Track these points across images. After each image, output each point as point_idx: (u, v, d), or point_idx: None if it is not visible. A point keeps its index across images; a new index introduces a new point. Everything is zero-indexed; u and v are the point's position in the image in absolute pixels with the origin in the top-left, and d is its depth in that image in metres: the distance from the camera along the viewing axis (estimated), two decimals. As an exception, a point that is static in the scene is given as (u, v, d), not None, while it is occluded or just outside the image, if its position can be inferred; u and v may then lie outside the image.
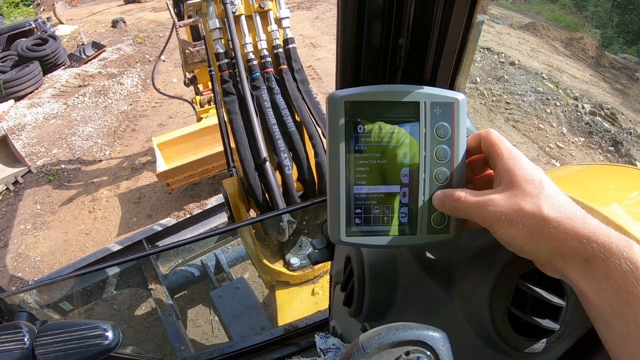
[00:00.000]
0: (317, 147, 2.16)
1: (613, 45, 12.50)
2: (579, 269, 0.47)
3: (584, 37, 11.00)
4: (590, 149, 6.03)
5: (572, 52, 10.28)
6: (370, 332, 0.42)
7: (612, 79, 9.17)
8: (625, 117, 6.93)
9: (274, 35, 2.25)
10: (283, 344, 1.99)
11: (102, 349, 0.91)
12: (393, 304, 0.85)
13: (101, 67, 9.30)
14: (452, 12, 0.79)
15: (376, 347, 0.41)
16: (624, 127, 6.47)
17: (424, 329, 0.42)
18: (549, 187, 0.52)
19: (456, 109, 0.62)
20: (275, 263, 2.32)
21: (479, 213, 0.55)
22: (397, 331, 0.42)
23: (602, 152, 5.97)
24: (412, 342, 0.41)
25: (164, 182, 4.60)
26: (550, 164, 5.63)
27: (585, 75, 8.89)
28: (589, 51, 10.40)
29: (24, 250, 4.80)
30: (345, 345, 1.23)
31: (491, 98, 7.20)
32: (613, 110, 6.89)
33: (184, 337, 2.64)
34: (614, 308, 0.43)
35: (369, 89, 0.63)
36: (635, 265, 0.43)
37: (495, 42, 9.56)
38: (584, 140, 6.19)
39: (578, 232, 0.47)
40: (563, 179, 1.54)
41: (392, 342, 0.41)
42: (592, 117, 6.60)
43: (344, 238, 0.63)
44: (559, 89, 7.54)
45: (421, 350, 0.41)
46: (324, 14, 11.74)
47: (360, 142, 0.62)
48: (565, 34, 11.63)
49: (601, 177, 1.52)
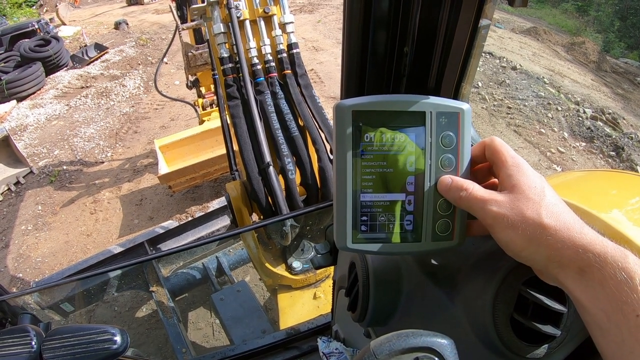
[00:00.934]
0: (320, 152, 2.17)
1: (615, 49, 12.53)
2: (574, 278, 0.48)
3: (585, 42, 11.02)
4: (592, 154, 6.04)
5: (574, 57, 10.30)
6: (381, 339, 0.44)
7: (614, 84, 9.18)
8: (626, 122, 6.94)
9: (278, 40, 2.26)
10: (285, 347, 1.99)
11: (111, 353, 0.92)
12: (397, 309, 0.86)
13: (103, 69, 9.33)
14: (457, 20, 0.79)
15: (387, 353, 0.42)
16: (625, 132, 6.48)
17: (432, 336, 0.44)
18: (550, 195, 0.54)
19: (461, 118, 0.63)
20: (277, 267, 2.33)
21: (482, 209, 0.56)
22: (406, 338, 0.43)
23: (604, 157, 5.98)
24: (421, 348, 0.43)
25: (165, 184, 4.61)
26: (552, 169, 5.64)
27: (587, 80, 8.90)
28: (590, 56, 10.42)
29: (25, 251, 4.81)
30: (348, 350, 1.24)
31: (493, 103, 7.21)
32: (614, 115, 6.90)
33: (185, 340, 2.64)
34: (609, 316, 0.44)
35: (376, 98, 0.64)
36: (629, 275, 0.43)
37: (497, 46, 9.58)
38: (585, 145, 6.20)
39: (574, 242, 0.48)
40: (564, 185, 1.55)
41: (402, 349, 0.42)
42: (593, 122, 6.61)
43: (350, 245, 0.64)
44: (561, 93, 7.55)
45: (429, 356, 0.42)
46: (326, 18, 11.76)
47: (366, 150, 0.63)
48: (566, 39, 11.64)
49: (602, 183, 1.53)
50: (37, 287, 2.32)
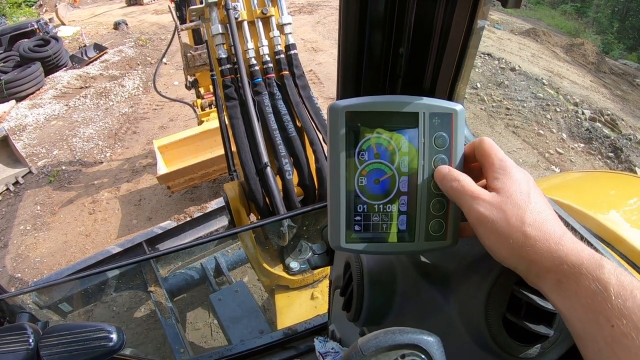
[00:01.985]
0: (317, 153, 2.17)
1: (613, 51, 12.55)
2: (552, 288, 0.49)
3: (584, 43, 11.03)
4: (590, 155, 6.05)
5: (573, 58, 10.31)
6: (368, 336, 0.44)
7: (613, 85, 9.20)
8: (625, 123, 6.95)
9: (276, 41, 2.26)
10: (282, 347, 1.99)
11: (107, 351, 0.92)
12: (391, 309, 0.86)
13: (103, 69, 9.33)
14: (452, 21, 0.80)
15: (373, 350, 0.43)
16: (623, 133, 6.48)
17: (418, 333, 0.44)
18: (535, 200, 0.54)
19: (454, 119, 0.64)
20: (275, 267, 2.33)
21: (469, 205, 0.56)
22: (393, 335, 0.43)
23: (602, 158, 5.99)
24: (407, 345, 0.43)
25: (164, 184, 4.62)
26: (550, 169, 5.65)
27: (586, 81, 8.91)
28: (589, 57, 10.43)
29: (23, 250, 4.80)
30: (344, 349, 1.24)
31: (491, 104, 7.22)
32: (613, 117, 6.91)
33: (183, 340, 2.64)
34: (585, 326, 0.45)
35: (370, 99, 0.64)
36: (604, 285, 0.44)
37: (496, 47, 9.59)
38: (583, 146, 6.21)
39: (552, 253, 0.49)
40: (562, 185, 1.55)
41: (389, 346, 0.43)
42: (592, 123, 6.62)
43: (343, 244, 0.65)
44: (559, 94, 7.56)
45: (416, 353, 0.42)
46: (325, 19, 11.77)
47: (360, 150, 0.63)
48: (565, 40, 11.66)
49: (600, 184, 1.53)
50: (36, 286, 2.32)
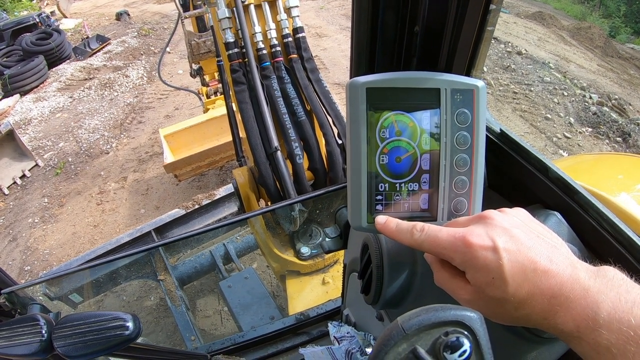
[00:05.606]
0: (327, 136, 2.16)
1: (620, 35, 12.38)
2: None
3: (591, 27, 10.88)
4: (598, 140, 5.99)
5: (580, 42, 10.18)
6: (409, 314, 0.43)
7: (620, 69, 9.08)
8: (633, 107, 6.86)
9: (284, 24, 2.23)
10: (294, 333, 2.00)
11: (123, 339, 0.91)
12: (411, 290, 0.85)
13: (106, 60, 9.30)
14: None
15: (416, 328, 0.42)
16: (632, 117, 6.41)
17: (461, 310, 0.43)
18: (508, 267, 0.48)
19: (476, 95, 0.62)
20: (285, 252, 2.33)
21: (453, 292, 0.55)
22: (435, 312, 0.42)
23: (610, 142, 5.93)
24: (450, 322, 0.42)
25: (171, 173, 4.62)
26: (558, 154, 5.61)
27: (593, 65, 8.81)
28: (596, 41, 10.29)
29: (32, 243, 4.83)
30: (360, 334, 1.24)
31: (499, 88, 7.16)
32: (621, 101, 6.83)
33: (193, 328, 2.66)
34: None
35: (390, 75, 0.62)
36: None
37: (503, 31, 9.47)
38: (591, 131, 6.15)
39: None
40: (574, 168, 1.54)
41: (432, 323, 0.42)
42: (599, 108, 6.54)
43: (364, 224, 0.64)
44: (567, 78, 7.48)
45: (459, 330, 0.41)
46: (329, 4, 11.66)
47: (381, 128, 0.62)
48: (572, 23, 11.51)
49: (611, 166, 1.51)
50: (46, 277, 2.33)
